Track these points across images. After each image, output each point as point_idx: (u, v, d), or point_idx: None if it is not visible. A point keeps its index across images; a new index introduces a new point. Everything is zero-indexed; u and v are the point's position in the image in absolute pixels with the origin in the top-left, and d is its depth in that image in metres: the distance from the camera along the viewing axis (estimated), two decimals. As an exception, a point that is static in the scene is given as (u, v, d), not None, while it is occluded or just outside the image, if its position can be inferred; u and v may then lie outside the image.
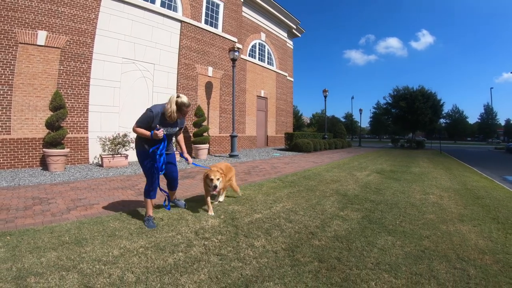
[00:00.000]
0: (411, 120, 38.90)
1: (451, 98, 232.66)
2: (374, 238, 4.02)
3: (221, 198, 5.82)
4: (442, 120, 52.92)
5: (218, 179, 4.78)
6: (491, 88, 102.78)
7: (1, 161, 9.12)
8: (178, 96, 4.27)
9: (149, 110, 4.26)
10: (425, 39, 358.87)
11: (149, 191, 4.49)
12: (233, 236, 3.94)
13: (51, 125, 9.16)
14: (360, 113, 41.41)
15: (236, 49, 14.46)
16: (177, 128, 4.65)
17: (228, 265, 3.10)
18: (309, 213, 5.16)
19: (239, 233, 4.10)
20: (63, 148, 9.32)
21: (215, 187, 4.71)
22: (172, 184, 5.17)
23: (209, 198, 5.11)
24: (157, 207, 5.25)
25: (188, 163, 4.84)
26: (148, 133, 4.28)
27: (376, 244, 3.78)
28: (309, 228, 4.36)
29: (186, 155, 4.87)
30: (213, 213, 4.91)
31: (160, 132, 4.21)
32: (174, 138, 5.02)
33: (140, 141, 4.45)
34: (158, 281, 2.73)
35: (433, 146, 37.65)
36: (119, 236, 3.84)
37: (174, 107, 4.24)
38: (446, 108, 61.64)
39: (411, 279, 2.87)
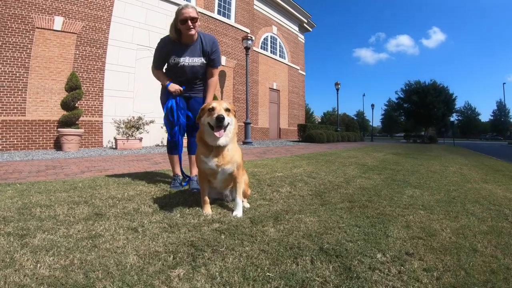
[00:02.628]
0: (424, 114, 38.44)
1: (463, 95, 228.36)
2: (401, 189, 3.86)
3: (228, 192, 2.90)
4: (454, 116, 52.20)
5: (227, 110, 2.43)
6: (504, 83, 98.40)
7: (15, 142, 9.13)
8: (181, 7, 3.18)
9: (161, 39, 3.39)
10: (437, 36, 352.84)
11: (169, 146, 3.66)
12: (256, 185, 3.75)
13: (66, 104, 9.11)
14: (372, 108, 40.79)
15: (249, 37, 14.36)
16: (200, 59, 3.39)
17: (254, 204, 2.91)
18: (331, 174, 4.98)
19: (262, 184, 3.93)
20: (78, 128, 9.27)
21: (221, 119, 2.27)
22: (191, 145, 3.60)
23: (205, 184, 2.64)
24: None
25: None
26: (164, 82, 3.46)
27: (405, 193, 3.61)
28: (333, 183, 4.17)
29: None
30: (210, 212, 2.54)
31: (175, 88, 3.36)
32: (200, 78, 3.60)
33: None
34: (178, 211, 2.53)
35: (446, 141, 36.90)
36: (135, 183, 3.68)
37: (173, 21, 3.22)
38: (458, 104, 60.69)
39: (449, 215, 2.70)
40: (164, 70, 3.57)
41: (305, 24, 26.74)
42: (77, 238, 1.89)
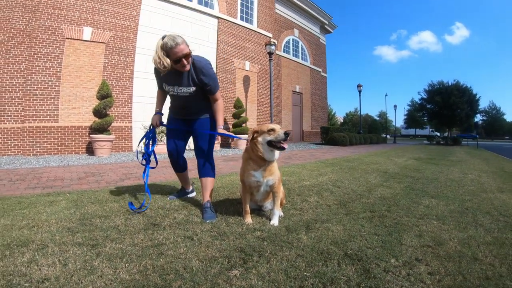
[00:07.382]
0: (447, 115, 37.83)
1: (488, 94, 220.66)
2: (418, 199, 4.16)
3: (269, 205, 3.26)
4: (478, 117, 50.92)
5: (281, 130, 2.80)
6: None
7: (49, 147, 9.80)
8: (162, 37, 2.93)
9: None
10: (460, 32, 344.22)
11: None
12: (287, 195, 4.08)
13: (98, 112, 9.67)
14: (395, 109, 40.42)
15: (272, 43, 14.67)
16: (189, 89, 3.16)
17: (287, 213, 3.29)
18: (354, 183, 5.33)
19: (292, 193, 4.34)
20: (110, 134, 9.83)
21: (288, 134, 2.74)
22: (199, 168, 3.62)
23: (248, 196, 3.05)
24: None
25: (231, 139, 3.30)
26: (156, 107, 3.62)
27: (421, 203, 3.91)
28: (356, 192, 4.52)
29: (221, 129, 3.27)
30: (250, 221, 2.92)
31: (154, 120, 3.61)
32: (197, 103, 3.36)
33: None
34: (223, 220, 2.93)
35: (469, 143, 36.04)
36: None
37: (160, 53, 2.88)
38: (483, 104, 59.11)
39: (459, 225, 2.97)
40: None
41: (326, 26, 26.82)
42: (143, 247, 2.25)
